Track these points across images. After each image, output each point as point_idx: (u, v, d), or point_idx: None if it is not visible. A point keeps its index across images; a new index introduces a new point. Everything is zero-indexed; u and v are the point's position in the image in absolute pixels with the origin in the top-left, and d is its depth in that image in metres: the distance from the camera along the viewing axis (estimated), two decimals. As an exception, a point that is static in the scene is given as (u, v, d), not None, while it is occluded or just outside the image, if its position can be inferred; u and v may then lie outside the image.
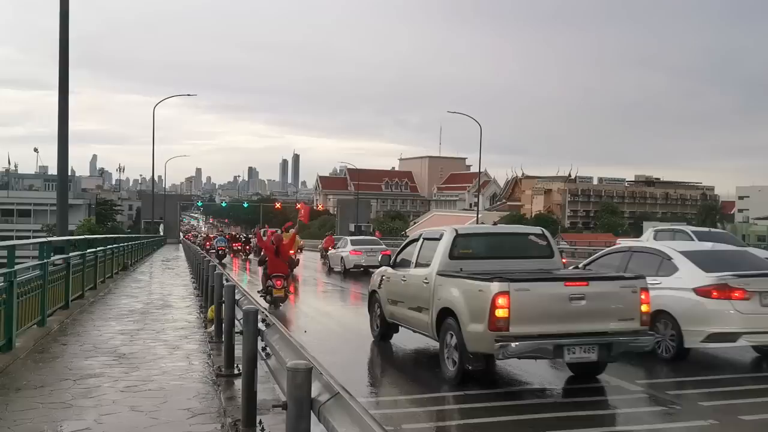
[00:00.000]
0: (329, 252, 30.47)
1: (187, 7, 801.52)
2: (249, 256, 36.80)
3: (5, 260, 7.93)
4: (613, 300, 7.56)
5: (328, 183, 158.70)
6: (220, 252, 33.17)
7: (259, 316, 5.38)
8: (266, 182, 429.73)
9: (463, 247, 9.05)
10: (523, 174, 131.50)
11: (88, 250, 14.65)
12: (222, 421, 5.48)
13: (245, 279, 24.16)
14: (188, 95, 79.30)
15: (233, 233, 54.69)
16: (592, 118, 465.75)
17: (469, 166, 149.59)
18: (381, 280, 10.74)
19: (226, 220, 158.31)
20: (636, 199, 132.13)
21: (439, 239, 9.17)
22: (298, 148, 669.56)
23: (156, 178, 62.79)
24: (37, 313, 9.48)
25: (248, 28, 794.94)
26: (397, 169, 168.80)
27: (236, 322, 6.97)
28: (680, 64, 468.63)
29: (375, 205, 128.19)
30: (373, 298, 11.01)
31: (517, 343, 7.01)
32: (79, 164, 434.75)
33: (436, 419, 6.63)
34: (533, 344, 7.08)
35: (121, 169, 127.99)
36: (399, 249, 10.86)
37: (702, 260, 9.43)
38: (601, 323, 7.39)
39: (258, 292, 15.70)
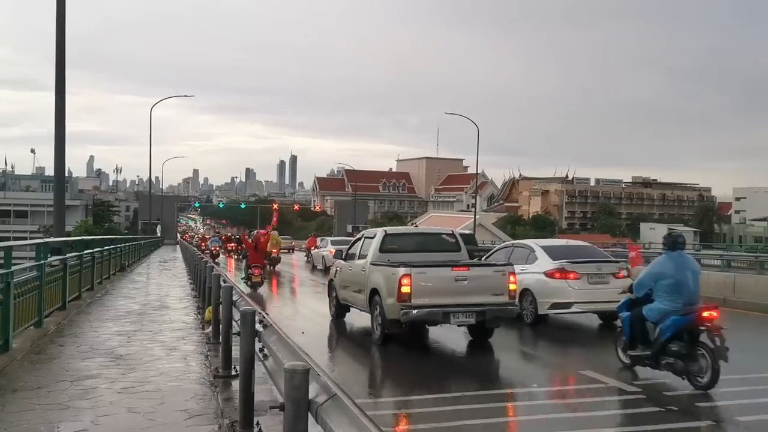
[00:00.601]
0: (312, 251, 34.07)
1: (185, 9, 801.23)
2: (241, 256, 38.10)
3: (2, 261, 7.90)
4: (488, 281, 10.19)
5: (325, 184, 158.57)
6: (213, 252, 37.33)
7: (257, 318, 5.37)
8: (264, 183, 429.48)
9: (390, 244, 11.61)
10: (520, 175, 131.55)
11: (85, 251, 14.61)
12: (219, 423, 5.47)
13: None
14: (185, 96, 78.75)
15: (228, 234, 56.01)
16: (590, 119, 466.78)
17: (466, 168, 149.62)
18: (336, 271, 13.15)
19: (224, 221, 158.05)
20: (633, 201, 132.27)
21: (374, 238, 11.78)
22: (295, 149, 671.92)
23: (153, 179, 62.79)
24: (34, 314, 9.46)
25: (246, 29, 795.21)
26: (394, 170, 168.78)
27: (233, 323, 6.97)
28: (678, 65, 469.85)
29: (373, 206, 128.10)
30: (330, 286, 13.39)
31: (416, 311, 9.67)
32: (76, 165, 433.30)
33: (435, 420, 6.62)
34: (428, 312, 9.73)
35: (118, 170, 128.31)
36: (348, 246, 13.44)
37: (553, 252, 12.82)
38: (479, 297, 9.95)
39: (241, 278, 19.85)
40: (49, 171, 77.79)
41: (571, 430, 6.21)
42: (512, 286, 10.25)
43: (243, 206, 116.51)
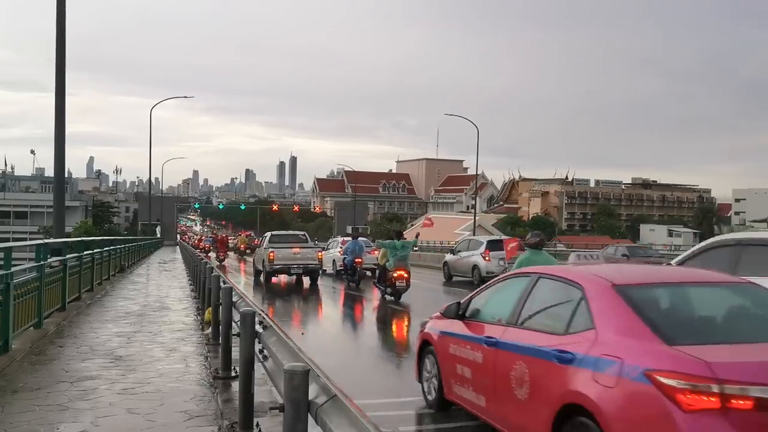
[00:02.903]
0: None
1: (185, 10, 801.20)
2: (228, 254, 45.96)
3: (2, 262, 7.90)
4: (309, 254, 22.81)
5: (325, 185, 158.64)
6: (206, 248, 48.12)
7: (256, 319, 5.37)
8: (263, 184, 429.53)
9: (274, 239, 23.65)
10: (520, 176, 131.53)
11: (85, 252, 14.60)
12: (219, 424, 5.47)
13: (241, 281, 24.57)
14: (185, 97, 77.64)
15: (222, 235, 59.69)
16: (590, 120, 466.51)
17: (466, 169, 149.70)
18: (255, 254, 26.88)
19: (224, 222, 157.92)
20: (633, 202, 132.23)
21: (267, 237, 24.11)
22: (295, 150, 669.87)
23: (153, 180, 62.72)
24: (33, 315, 9.46)
25: (245, 30, 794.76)
26: (394, 171, 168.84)
27: (233, 324, 6.96)
28: (678, 67, 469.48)
29: (372, 207, 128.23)
30: (254, 261, 26.10)
31: (276, 266, 22.24)
32: (76, 166, 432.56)
33: (434, 422, 6.62)
34: (281, 266, 22.25)
35: (118, 171, 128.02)
36: (261, 240, 26.26)
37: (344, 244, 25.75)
38: (304, 261, 22.47)
39: (214, 258, 36.30)
40: (49, 172, 77.64)
41: None
42: (320, 256, 23.07)
43: (243, 207, 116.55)
